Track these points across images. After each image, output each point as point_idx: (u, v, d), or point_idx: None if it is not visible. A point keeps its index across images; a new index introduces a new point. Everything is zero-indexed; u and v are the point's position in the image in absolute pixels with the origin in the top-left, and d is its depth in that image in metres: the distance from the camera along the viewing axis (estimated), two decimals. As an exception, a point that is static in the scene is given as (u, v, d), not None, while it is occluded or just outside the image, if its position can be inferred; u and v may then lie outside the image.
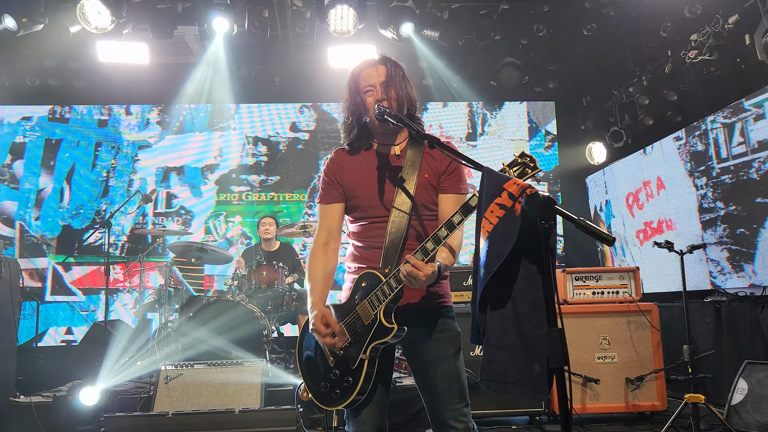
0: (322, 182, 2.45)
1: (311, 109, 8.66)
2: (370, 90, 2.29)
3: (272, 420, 3.82)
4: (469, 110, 8.80)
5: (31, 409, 4.60)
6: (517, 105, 8.82)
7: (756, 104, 5.31)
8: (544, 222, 1.64)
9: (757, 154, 5.25)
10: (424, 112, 8.61)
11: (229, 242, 8.04)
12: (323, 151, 8.57)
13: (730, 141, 5.63)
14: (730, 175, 5.66)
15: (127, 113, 8.50)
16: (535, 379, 1.80)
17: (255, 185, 8.44)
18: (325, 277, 2.37)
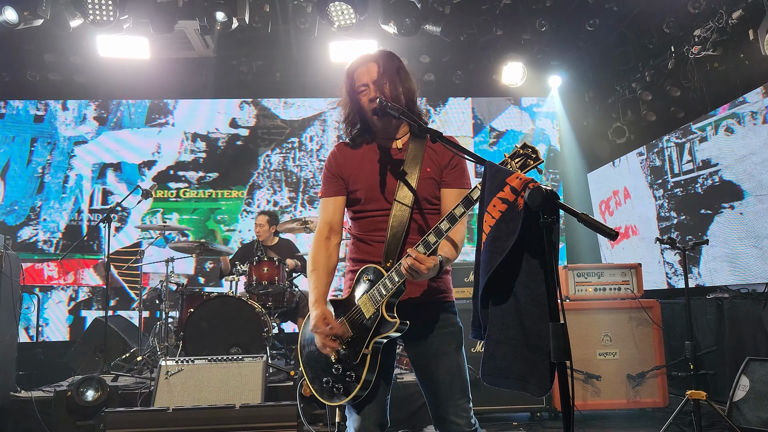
0: (324, 176, 2.43)
1: (251, 105, 8.60)
2: (363, 89, 2.29)
3: (273, 416, 3.81)
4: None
5: (31, 403, 4.60)
6: (461, 101, 8.74)
7: (700, 128, 6.11)
8: (546, 216, 1.62)
9: (701, 171, 6.08)
10: None
11: (166, 239, 7.92)
12: (263, 147, 8.51)
13: (680, 159, 6.44)
14: (681, 188, 6.46)
15: (64, 108, 8.42)
16: (536, 374, 1.79)
17: (193, 182, 8.37)
18: (328, 272, 2.36)
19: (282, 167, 8.46)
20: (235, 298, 5.42)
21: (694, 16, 5.92)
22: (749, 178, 5.46)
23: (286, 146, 8.52)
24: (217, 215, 8.26)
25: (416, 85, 2.36)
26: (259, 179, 8.43)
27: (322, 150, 8.54)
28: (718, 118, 5.86)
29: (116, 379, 5.28)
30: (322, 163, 8.24)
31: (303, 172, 8.47)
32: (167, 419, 3.76)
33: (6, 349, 4.87)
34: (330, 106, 8.59)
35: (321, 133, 8.58)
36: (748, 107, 5.49)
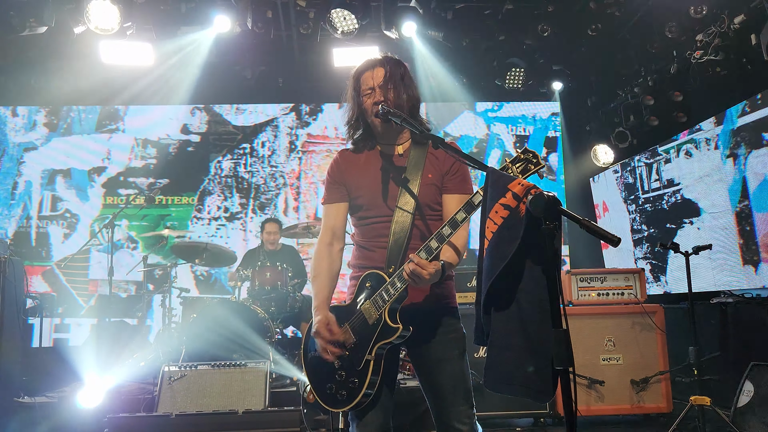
0: (326, 183, 2.44)
1: (203, 110, 8.57)
2: (369, 93, 2.29)
3: (276, 421, 3.80)
4: None
5: (36, 409, 4.60)
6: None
7: (665, 150, 6.82)
8: (548, 222, 1.63)
9: (666, 189, 6.81)
10: (320, 113, 8.62)
11: (115, 246, 7.89)
12: (214, 153, 8.47)
13: (649, 177, 7.16)
14: (650, 204, 7.17)
15: (14, 114, 8.38)
16: (539, 380, 1.79)
17: (143, 188, 8.34)
18: (330, 278, 2.36)
19: (233, 173, 8.43)
20: (238, 303, 5.42)
21: (697, 21, 5.92)
22: (705, 197, 6.19)
23: (238, 152, 8.49)
24: (167, 221, 8.20)
25: (419, 92, 2.37)
26: (210, 185, 8.39)
27: (274, 156, 8.50)
28: (679, 142, 6.60)
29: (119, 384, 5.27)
30: (274, 169, 8.25)
31: (254, 178, 8.44)
32: (170, 425, 3.76)
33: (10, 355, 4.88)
34: (282, 112, 8.59)
35: (273, 138, 8.55)
36: (703, 134, 6.22)
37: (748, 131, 5.60)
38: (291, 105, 8.61)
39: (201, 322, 5.26)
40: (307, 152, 8.55)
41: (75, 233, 8.05)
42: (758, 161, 5.44)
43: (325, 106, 8.63)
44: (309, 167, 8.53)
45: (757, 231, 5.45)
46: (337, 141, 8.60)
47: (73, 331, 7.64)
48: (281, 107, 8.61)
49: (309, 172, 8.52)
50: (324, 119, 8.63)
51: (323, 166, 8.51)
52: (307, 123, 8.63)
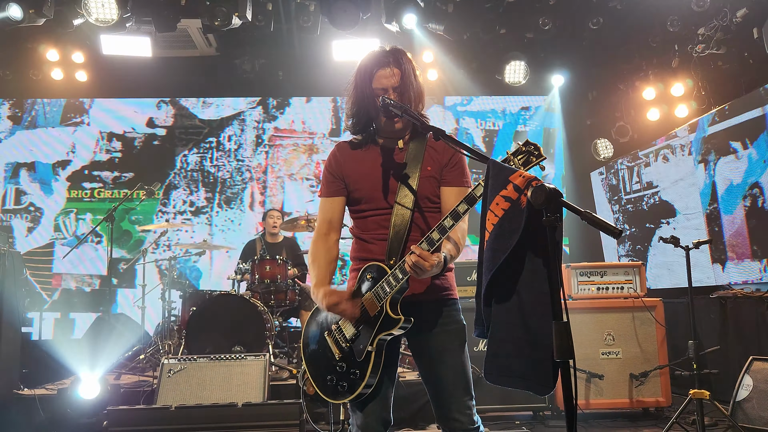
0: (323, 176, 2.43)
1: (169, 104, 8.52)
2: (382, 93, 2.23)
3: (275, 414, 3.80)
4: (334, 105, 8.65)
5: (35, 401, 4.60)
6: None
7: (645, 155, 7.27)
8: (549, 214, 1.62)
9: (646, 192, 7.24)
10: (287, 107, 8.59)
11: (78, 239, 7.84)
12: (180, 147, 8.42)
13: (631, 180, 7.59)
14: (632, 204, 7.60)
15: None
16: (539, 373, 1.79)
17: (108, 182, 8.30)
18: (328, 262, 2.36)
19: (199, 167, 8.40)
20: (237, 297, 5.42)
21: (699, 15, 5.90)
22: (680, 199, 6.63)
23: (204, 146, 8.46)
24: (131, 215, 8.18)
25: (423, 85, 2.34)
26: (176, 179, 8.36)
27: (240, 150, 8.48)
28: (658, 147, 7.02)
29: (119, 377, 5.29)
30: (240, 163, 8.24)
31: (220, 173, 8.42)
32: (170, 417, 3.76)
33: (10, 347, 4.88)
34: (249, 106, 8.54)
35: (240, 132, 8.53)
36: (679, 141, 6.65)
37: (717, 139, 5.99)
38: (258, 99, 8.56)
39: (200, 315, 5.26)
40: (274, 146, 8.52)
41: (39, 227, 8.01)
42: (726, 167, 5.86)
43: (292, 99, 8.58)
44: (275, 161, 8.50)
45: (725, 232, 5.88)
46: (304, 135, 8.56)
47: (36, 325, 7.54)
48: (248, 101, 8.56)
49: (275, 166, 8.48)
50: (291, 113, 8.60)
51: (290, 160, 8.48)
52: (274, 117, 8.59)
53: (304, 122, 8.59)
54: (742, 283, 5.63)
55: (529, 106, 8.78)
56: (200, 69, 8.12)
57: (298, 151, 8.53)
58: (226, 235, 8.22)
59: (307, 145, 8.55)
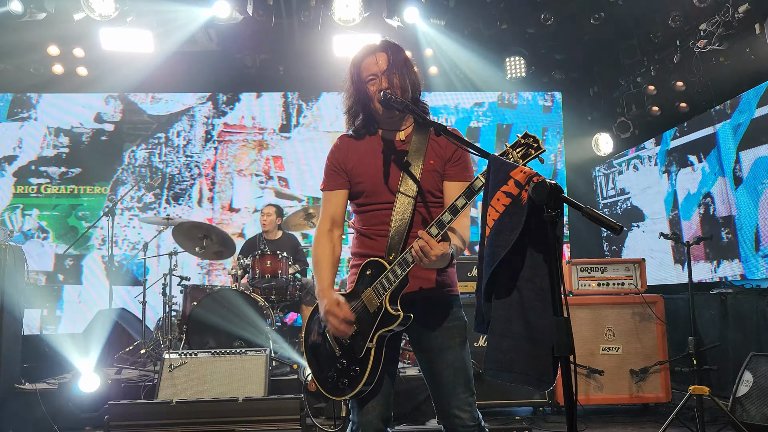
0: (326, 169, 2.42)
1: (117, 99, 8.44)
2: (372, 79, 2.26)
3: (276, 409, 3.81)
4: (284, 101, 8.60)
5: (36, 396, 4.61)
6: (335, 95, 8.55)
7: (618, 164, 8.03)
8: (550, 210, 1.62)
9: (619, 197, 7.97)
10: (237, 102, 8.54)
11: (25, 236, 7.78)
12: (128, 143, 8.36)
13: (607, 186, 8.31)
14: (608, 209, 8.24)
15: None
16: (540, 368, 1.79)
17: (55, 177, 8.21)
18: (332, 264, 2.36)
19: (147, 163, 8.34)
20: (238, 292, 5.43)
21: (700, 10, 5.88)
22: (647, 206, 7.36)
23: (153, 142, 8.40)
24: (78, 211, 8.12)
25: (420, 77, 2.35)
26: (123, 175, 8.31)
27: (189, 146, 8.41)
28: (629, 157, 7.78)
29: (120, 371, 5.30)
30: (189, 158, 8.17)
31: (169, 168, 8.36)
32: (171, 412, 3.77)
33: (10, 342, 4.89)
34: (199, 101, 8.49)
35: (189, 128, 8.45)
36: (646, 152, 7.41)
37: (677, 152, 6.73)
38: (208, 94, 8.50)
39: (201, 310, 5.26)
40: (223, 142, 8.46)
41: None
42: (685, 178, 6.59)
43: (242, 95, 8.53)
44: (225, 157, 8.44)
45: (684, 236, 6.50)
46: (254, 131, 8.50)
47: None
48: (197, 96, 8.50)
49: (225, 162, 8.43)
50: (241, 108, 8.54)
51: (239, 156, 8.44)
52: (223, 112, 8.54)
53: (254, 118, 8.53)
54: (698, 282, 6.13)
55: (482, 102, 8.72)
56: (201, 64, 8.10)
57: (247, 147, 8.46)
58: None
59: (256, 141, 8.49)
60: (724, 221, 5.91)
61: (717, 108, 6.00)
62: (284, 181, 8.40)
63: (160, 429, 3.72)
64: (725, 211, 5.92)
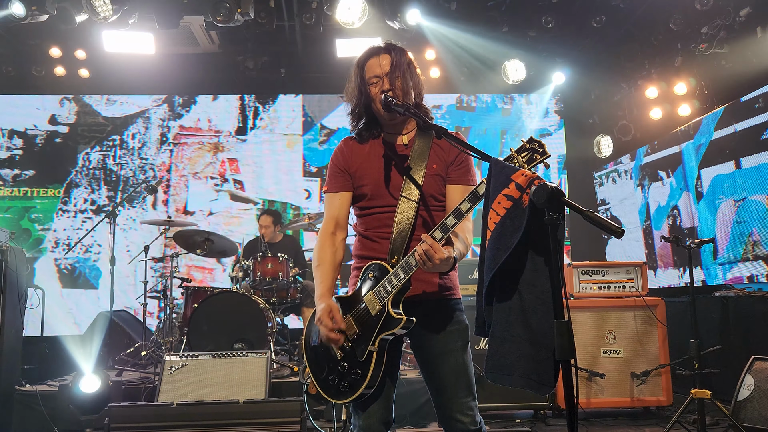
0: (330, 171, 2.42)
1: (72, 101, 8.39)
2: (375, 81, 2.26)
3: (276, 411, 3.81)
4: (241, 103, 8.58)
5: (36, 398, 4.61)
6: (291, 98, 8.59)
7: (599, 176, 8.55)
8: (552, 213, 1.62)
9: (601, 207, 8.46)
10: (193, 105, 8.51)
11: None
12: (83, 145, 8.32)
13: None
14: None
15: None
16: (540, 372, 1.79)
17: (8, 180, 8.16)
18: (333, 268, 2.34)
19: (102, 165, 8.30)
20: (239, 294, 5.43)
21: (702, 13, 5.88)
22: (624, 216, 7.91)
23: (107, 144, 8.36)
24: (31, 214, 8.09)
25: (423, 81, 2.35)
26: (77, 177, 8.25)
27: (144, 148, 8.38)
28: (609, 170, 8.30)
29: (120, 373, 5.29)
30: (144, 161, 8.14)
31: (123, 171, 8.32)
32: (171, 414, 3.77)
33: (11, 343, 4.89)
34: (154, 103, 8.46)
35: (144, 130, 8.43)
36: (623, 167, 7.96)
37: (649, 168, 7.30)
38: (164, 96, 8.47)
39: (202, 312, 5.26)
40: (179, 144, 8.43)
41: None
42: (656, 191, 7.16)
43: (198, 97, 8.50)
44: (180, 160, 8.41)
45: (656, 244, 7.16)
46: (210, 133, 8.47)
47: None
48: (153, 98, 8.46)
49: (180, 165, 8.40)
50: (197, 111, 8.52)
51: (194, 159, 8.41)
52: (179, 115, 8.51)
53: (210, 120, 8.51)
54: (667, 287, 6.82)
55: (440, 104, 8.69)
56: (202, 66, 8.11)
57: (203, 150, 8.44)
58: (127, 235, 8.13)
59: (212, 144, 8.46)
60: (689, 232, 6.51)
61: (682, 129, 6.61)
62: (240, 183, 8.38)
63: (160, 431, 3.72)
64: (689, 222, 6.52)
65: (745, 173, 5.67)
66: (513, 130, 8.69)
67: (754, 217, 5.53)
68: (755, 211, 5.54)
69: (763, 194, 5.46)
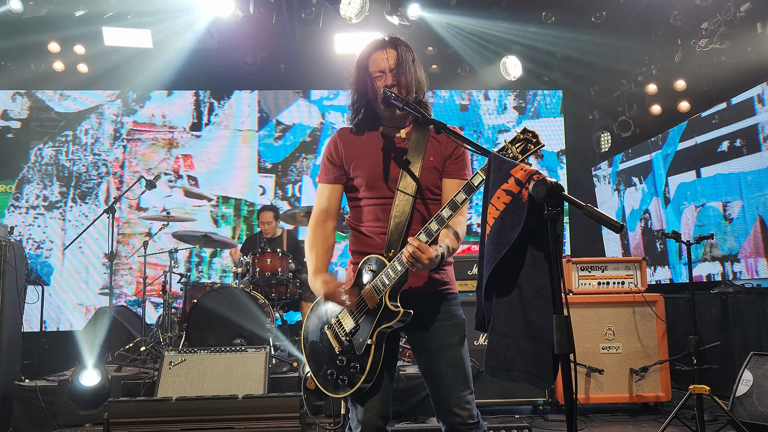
0: (322, 162, 2.42)
1: (24, 96, 8.30)
2: (379, 75, 2.25)
3: (275, 406, 3.81)
4: (195, 99, 8.52)
5: (36, 392, 4.62)
6: (247, 94, 8.53)
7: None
8: (551, 208, 1.62)
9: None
10: (147, 101, 8.45)
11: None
12: (35, 140, 8.23)
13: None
14: None
15: None
16: (540, 367, 1.79)
17: None
18: (325, 250, 2.36)
19: (54, 161, 8.23)
20: (238, 289, 5.43)
21: (702, 9, 5.87)
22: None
23: (60, 139, 8.28)
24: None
25: (425, 76, 2.34)
26: (29, 173, 8.18)
27: (97, 144, 8.30)
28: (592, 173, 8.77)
29: (120, 369, 5.30)
30: (97, 157, 8.05)
31: (76, 167, 8.24)
32: (170, 409, 3.77)
33: (11, 339, 4.89)
34: (108, 99, 8.39)
35: (97, 126, 8.35)
36: (602, 172, 8.47)
37: (624, 174, 7.86)
38: (117, 92, 8.40)
39: (201, 307, 5.26)
40: (132, 140, 8.37)
41: None
42: (630, 196, 7.74)
43: (153, 93, 8.43)
44: (133, 156, 8.35)
45: (630, 245, 7.73)
46: (164, 129, 8.41)
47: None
48: (107, 93, 8.39)
49: (133, 161, 8.33)
50: (151, 107, 8.45)
51: (148, 155, 8.36)
52: (133, 110, 8.43)
53: (164, 116, 8.44)
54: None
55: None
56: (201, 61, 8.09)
57: (157, 146, 8.39)
58: (79, 231, 8.00)
59: (166, 140, 8.40)
60: (658, 234, 7.05)
61: (652, 140, 7.20)
62: (194, 180, 8.34)
63: (159, 426, 3.72)
64: (659, 225, 7.10)
65: (705, 182, 6.26)
66: (470, 126, 8.66)
67: (712, 221, 6.08)
68: (712, 216, 6.11)
69: (718, 201, 6.01)
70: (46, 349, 6.56)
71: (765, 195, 5.40)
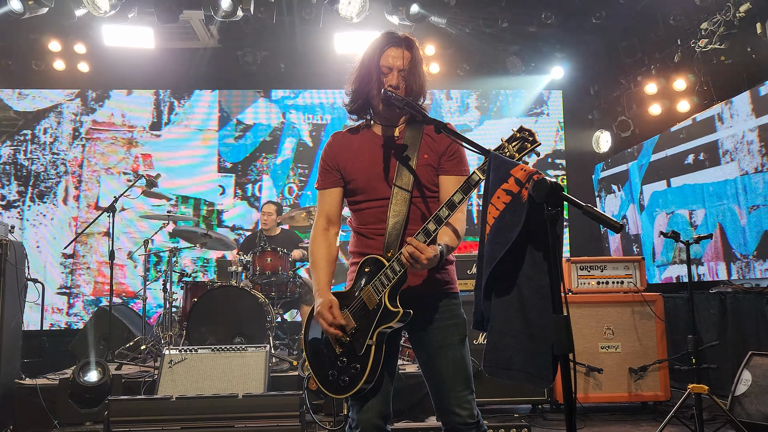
0: (320, 167, 2.41)
1: None
2: (387, 72, 2.23)
3: (275, 405, 3.82)
4: (156, 98, 8.48)
5: (36, 391, 4.62)
6: (207, 93, 8.50)
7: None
8: (550, 208, 1.62)
9: None
10: (106, 100, 8.41)
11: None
12: None
13: None
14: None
15: None
16: (539, 366, 1.79)
17: None
18: (329, 263, 2.36)
19: (12, 160, 8.19)
20: (238, 288, 5.43)
21: (701, 9, 5.87)
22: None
23: (18, 138, 8.24)
24: None
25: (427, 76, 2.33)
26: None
27: (56, 143, 8.27)
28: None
29: (120, 367, 5.30)
30: (56, 156, 8.03)
31: (34, 166, 8.21)
32: (170, 408, 3.78)
33: (11, 337, 4.90)
34: (67, 98, 8.33)
35: (56, 125, 8.31)
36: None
37: (605, 182, 8.32)
38: (77, 91, 8.35)
39: (202, 306, 5.27)
40: (92, 139, 8.33)
41: None
42: (610, 202, 8.21)
43: (112, 92, 8.40)
44: (92, 155, 8.30)
45: (611, 248, 8.15)
46: (123, 128, 8.38)
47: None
48: (66, 92, 8.34)
49: (92, 160, 8.29)
50: (110, 106, 8.41)
51: (107, 154, 8.32)
52: (93, 109, 8.39)
53: (123, 115, 8.40)
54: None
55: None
56: (202, 61, 8.09)
57: (116, 145, 8.35)
58: (37, 230, 8.06)
59: (126, 139, 8.37)
60: (634, 238, 7.54)
61: (629, 150, 7.65)
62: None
63: (159, 425, 3.73)
64: (635, 230, 7.53)
65: (674, 191, 6.73)
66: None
67: (680, 227, 6.47)
68: (680, 222, 6.57)
69: (686, 209, 6.50)
70: (46, 348, 6.57)
71: (724, 204, 5.88)
